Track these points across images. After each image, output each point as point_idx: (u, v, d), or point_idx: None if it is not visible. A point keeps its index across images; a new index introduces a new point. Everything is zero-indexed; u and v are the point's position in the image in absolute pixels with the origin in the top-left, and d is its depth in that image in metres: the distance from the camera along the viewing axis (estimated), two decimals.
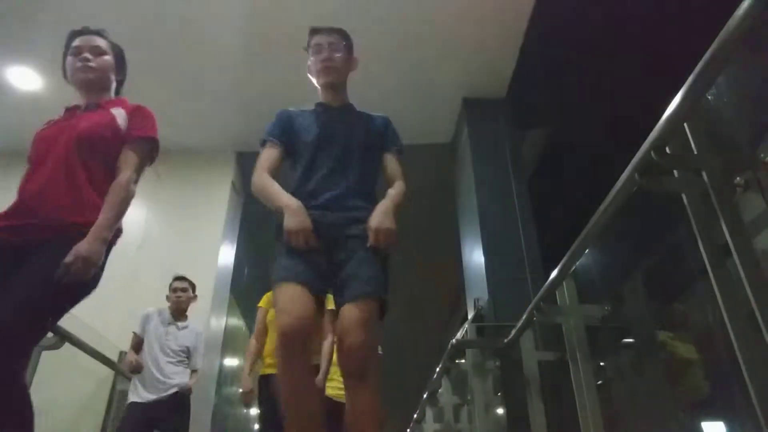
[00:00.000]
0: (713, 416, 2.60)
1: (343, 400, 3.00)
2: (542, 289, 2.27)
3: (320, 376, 2.74)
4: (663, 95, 1.23)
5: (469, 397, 3.20)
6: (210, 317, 4.08)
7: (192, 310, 3.39)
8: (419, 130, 4.60)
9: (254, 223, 5.53)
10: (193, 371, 3.29)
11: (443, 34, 3.83)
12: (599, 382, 2.43)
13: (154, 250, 4.26)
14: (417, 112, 4.50)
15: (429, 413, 4.85)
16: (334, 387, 2.96)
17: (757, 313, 0.98)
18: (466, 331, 3.40)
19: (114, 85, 1.87)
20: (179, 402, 3.12)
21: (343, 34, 1.91)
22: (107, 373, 3.48)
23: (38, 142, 1.68)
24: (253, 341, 2.97)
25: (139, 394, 3.07)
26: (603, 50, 3.79)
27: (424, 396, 4.95)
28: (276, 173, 1.72)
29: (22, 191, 1.58)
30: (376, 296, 1.49)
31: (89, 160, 1.61)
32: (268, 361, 2.87)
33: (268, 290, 3.15)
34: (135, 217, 4.11)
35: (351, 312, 1.45)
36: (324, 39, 1.87)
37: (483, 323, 3.45)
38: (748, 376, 1.01)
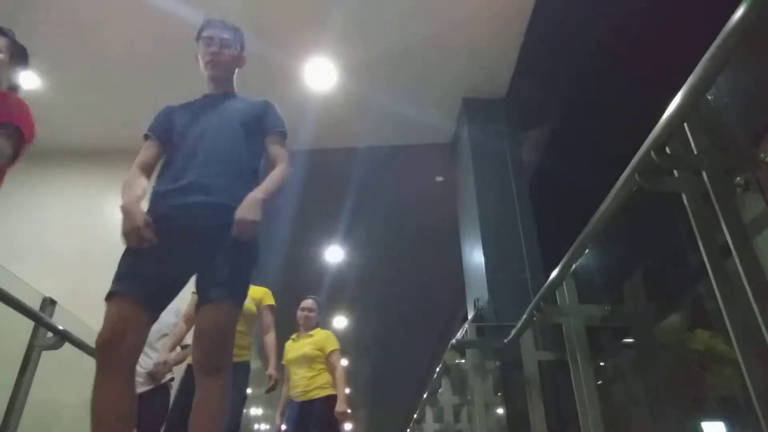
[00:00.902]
0: (713, 416, 2.60)
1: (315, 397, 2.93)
2: (542, 289, 2.27)
3: (270, 370, 2.89)
4: (663, 95, 1.23)
5: (469, 397, 3.20)
6: None
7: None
8: (419, 130, 4.60)
9: None
10: (183, 347, 3.10)
11: (443, 35, 3.83)
12: (599, 382, 2.43)
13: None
14: (417, 112, 4.50)
15: (429, 413, 4.85)
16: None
17: (757, 313, 0.98)
18: (466, 331, 3.40)
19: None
20: (153, 395, 3.01)
21: (236, 31, 1.97)
22: None
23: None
24: (181, 323, 2.88)
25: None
26: (603, 50, 3.79)
27: (424, 396, 4.96)
28: (149, 168, 1.73)
29: None
30: (230, 301, 1.51)
31: None
32: None
33: (262, 287, 3.19)
34: None
35: (208, 314, 1.48)
36: (217, 33, 1.90)
37: (483, 323, 3.45)
38: (748, 376, 1.01)
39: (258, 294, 3.11)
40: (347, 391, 3.39)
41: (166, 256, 1.49)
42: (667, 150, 1.25)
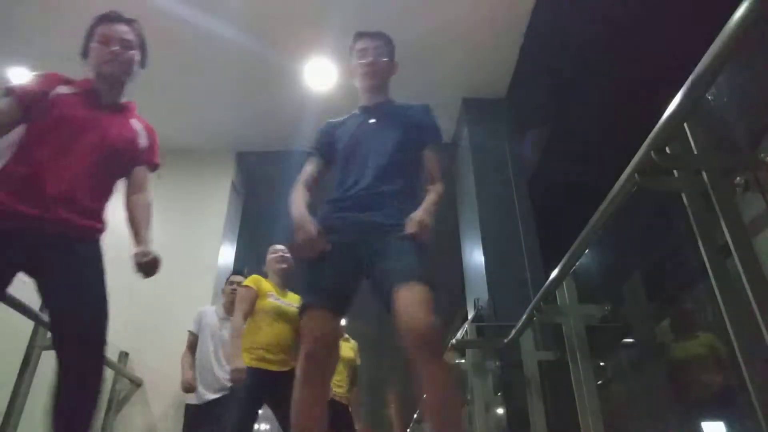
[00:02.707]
0: (713, 416, 2.60)
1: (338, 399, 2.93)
2: (542, 289, 2.27)
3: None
4: (663, 95, 1.23)
5: (469, 397, 3.20)
6: None
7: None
8: None
9: (254, 223, 5.53)
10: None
11: (443, 35, 3.83)
12: (599, 382, 2.44)
13: (154, 249, 4.24)
14: None
15: None
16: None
17: (757, 313, 0.98)
18: (466, 331, 3.40)
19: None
20: (227, 402, 3.06)
21: (387, 40, 1.95)
22: (107, 373, 3.48)
23: (66, 120, 1.61)
24: (240, 319, 2.70)
25: (197, 395, 3.05)
26: (603, 50, 3.79)
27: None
28: (314, 183, 1.79)
29: (41, 171, 1.50)
30: (422, 282, 1.45)
31: (112, 169, 1.67)
32: (261, 354, 2.65)
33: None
34: None
35: (408, 299, 1.41)
36: (370, 43, 1.90)
37: (483, 323, 3.45)
38: (748, 376, 1.01)
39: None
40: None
41: (343, 266, 1.54)
42: (667, 150, 1.25)
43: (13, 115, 1.57)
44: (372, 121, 1.81)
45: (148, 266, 1.59)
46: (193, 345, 3.21)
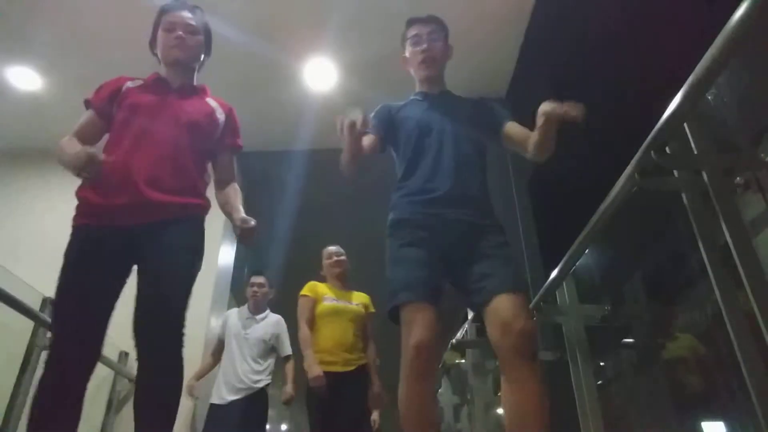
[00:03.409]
0: (713, 416, 2.60)
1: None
2: (542, 289, 2.27)
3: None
4: (663, 95, 1.23)
5: (469, 397, 3.20)
6: (210, 317, 4.07)
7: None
8: None
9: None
10: (286, 358, 3.32)
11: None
12: (599, 382, 2.43)
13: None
14: None
15: None
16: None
17: (757, 313, 0.98)
18: (466, 331, 3.40)
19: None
20: (254, 403, 3.12)
21: (441, 23, 1.85)
22: (107, 372, 3.48)
23: (140, 107, 1.65)
24: (306, 331, 2.83)
25: (219, 395, 3.12)
26: (603, 50, 3.78)
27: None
28: (361, 157, 1.65)
29: (127, 159, 1.55)
30: (524, 290, 1.47)
31: (196, 146, 1.68)
32: (322, 356, 2.77)
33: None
34: None
35: (506, 304, 1.40)
36: (423, 29, 1.80)
37: (483, 323, 3.44)
38: (748, 376, 1.01)
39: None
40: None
41: (431, 262, 1.49)
42: (667, 150, 1.25)
43: (97, 124, 1.68)
44: (440, 111, 1.72)
45: (250, 232, 1.64)
46: (217, 351, 3.31)
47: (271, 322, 3.40)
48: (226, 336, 3.32)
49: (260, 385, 3.20)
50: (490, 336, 1.43)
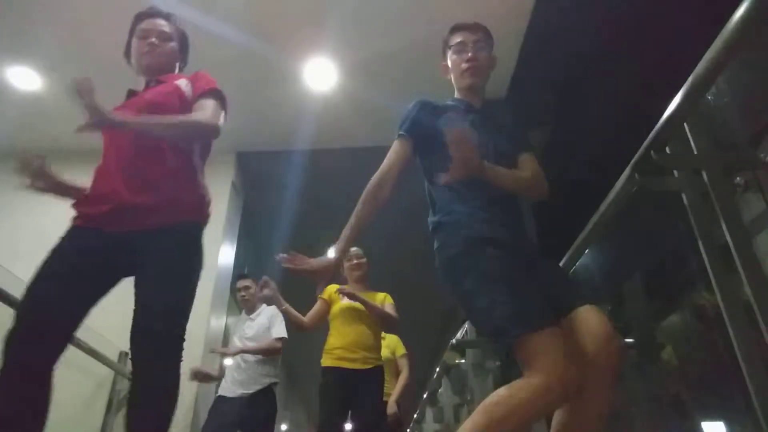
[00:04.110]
0: (713, 416, 2.60)
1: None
2: None
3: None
4: (663, 95, 1.23)
5: (469, 397, 3.20)
6: (210, 317, 4.08)
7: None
8: None
9: (254, 223, 5.53)
10: (277, 339, 3.38)
11: (443, 34, 3.82)
12: None
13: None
14: None
15: (429, 413, 4.85)
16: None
17: (757, 313, 0.98)
18: (466, 331, 3.40)
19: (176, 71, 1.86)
20: (260, 400, 3.21)
21: (487, 32, 1.74)
22: (107, 373, 3.48)
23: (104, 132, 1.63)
24: (305, 320, 2.91)
25: (228, 387, 3.27)
26: (603, 50, 3.78)
27: (424, 396, 4.96)
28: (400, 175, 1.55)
29: (107, 160, 1.58)
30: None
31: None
32: (339, 353, 2.85)
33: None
34: None
35: (594, 317, 1.23)
36: (469, 37, 1.70)
37: None
38: (748, 376, 1.01)
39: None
40: None
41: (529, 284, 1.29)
42: (667, 150, 1.25)
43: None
44: (484, 130, 1.55)
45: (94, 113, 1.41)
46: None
47: (265, 314, 3.49)
48: (231, 340, 3.53)
49: (267, 381, 3.27)
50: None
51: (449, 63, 1.73)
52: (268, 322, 3.42)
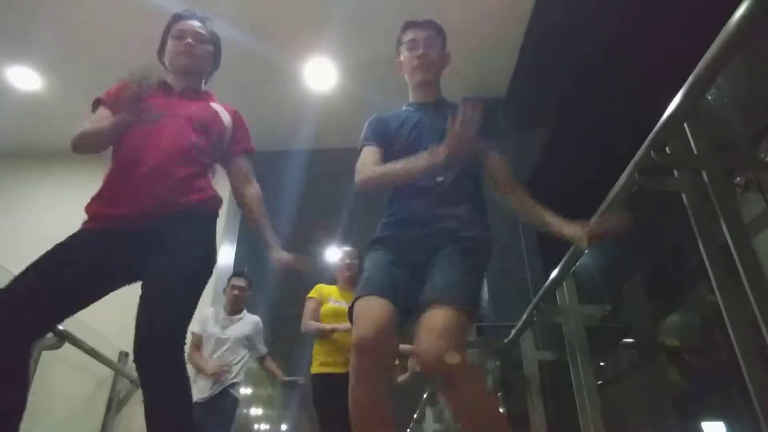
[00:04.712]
0: (713, 416, 2.60)
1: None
2: (542, 289, 2.27)
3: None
4: (663, 95, 1.23)
5: None
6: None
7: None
8: None
9: None
10: (262, 358, 3.38)
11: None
12: (599, 382, 2.44)
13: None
14: None
15: (429, 413, 4.85)
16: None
17: (757, 313, 0.98)
18: None
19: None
20: (223, 399, 3.13)
21: (439, 29, 1.79)
22: (107, 373, 3.48)
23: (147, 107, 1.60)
24: (312, 323, 2.93)
25: (199, 392, 3.09)
26: (603, 50, 3.78)
27: (424, 396, 4.95)
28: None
29: (133, 156, 1.55)
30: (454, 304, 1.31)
31: (200, 144, 1.63)
32: (322, 359, 2.85)
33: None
34: None
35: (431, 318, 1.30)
36: (420, 34, 1.75)
37: (483, 323, 3.45)
38: (748, 376, 1.01)
39: None
40: None
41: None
42: (667, 150, 1.25)
43: (110, 119, 1.61)
44: (433, 122, 1.61)
45: (290, 270, 1.69)
46: (198, 344, 3.27)
47: (248, 322, 3.41)
48: (204, 337, 3.30)
49: (231, 381, 3.20)
50: None
51: (402, 60, 1.78)
52: (252, 334, 3.35)
